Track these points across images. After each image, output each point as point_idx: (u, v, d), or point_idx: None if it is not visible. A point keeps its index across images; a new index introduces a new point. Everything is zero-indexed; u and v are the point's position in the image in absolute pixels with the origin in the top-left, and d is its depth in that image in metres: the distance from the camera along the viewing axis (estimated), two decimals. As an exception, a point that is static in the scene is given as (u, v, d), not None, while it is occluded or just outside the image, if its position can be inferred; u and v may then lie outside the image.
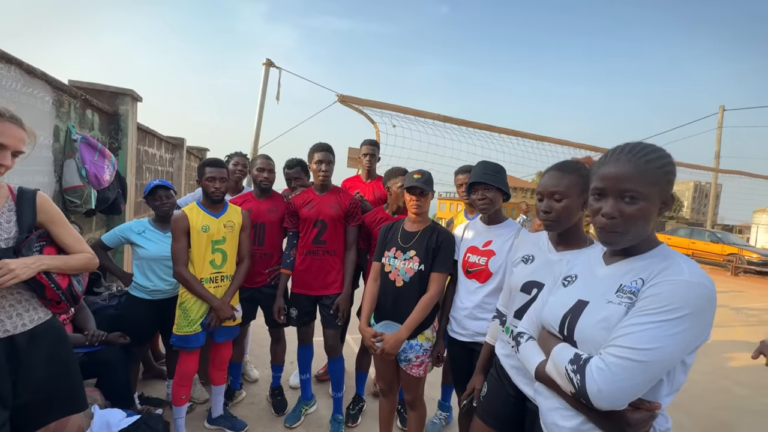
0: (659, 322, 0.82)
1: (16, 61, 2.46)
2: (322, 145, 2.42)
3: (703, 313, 0.83)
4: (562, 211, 1.28)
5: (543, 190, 1.32)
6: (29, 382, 1.30)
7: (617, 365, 0.82)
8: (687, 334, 0.82)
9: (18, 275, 1.18)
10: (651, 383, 0.84)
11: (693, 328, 0.82)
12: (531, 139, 6.26)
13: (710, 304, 0.84)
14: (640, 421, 0.85)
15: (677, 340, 0.82)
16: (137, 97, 4.16)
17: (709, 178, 15.23)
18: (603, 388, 0.82)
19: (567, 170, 1.31)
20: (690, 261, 0.90)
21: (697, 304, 0.82)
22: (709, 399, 3.37)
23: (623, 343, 0.83)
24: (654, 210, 0.91)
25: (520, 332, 1.16)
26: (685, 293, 0.83)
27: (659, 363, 0.82)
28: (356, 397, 2.72)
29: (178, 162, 6.71)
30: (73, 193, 3.11)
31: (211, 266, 2.20)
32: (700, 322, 0.83)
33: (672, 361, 0.84)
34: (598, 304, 0.95)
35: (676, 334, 0.81)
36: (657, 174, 0.90)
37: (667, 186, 0.91)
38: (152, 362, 2.99)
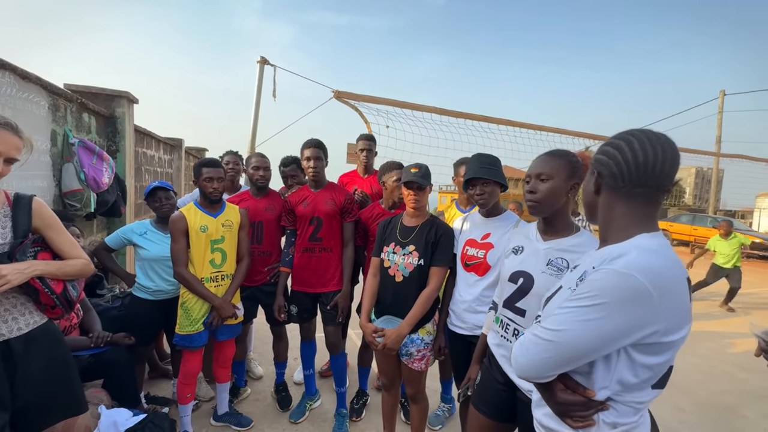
0: (574, 308, 0.83)
1: (10, 66, 2.47)
2: (311, 141, 2.40)
3: (626, 304, 0.78)
4: (548, 192, 1.30)
5: (531, 171, 1.36)
6: (26, 385, 1.31)
7: (530, 341, 0.90)
8: (602, 323, 0.80)
9: (10, 281, 1.19)
10: (562, 363, 0.86)
11: (611, 318, 0.79)
12: (528, 128, 6.24)
13: (636, 297, 0.78)
14: (568, 402, 0.88)
15: (589, 327, 0.81)
16: (133, 99, 4.15)
17: (711, 163, 15.14)
18: (517, 359, 0.92)
19: (555, 155, 1.35)
20: (648, 252, 0.83)
21: (619, 295, 0.79)
22: (710, 383, 3.39)
23: (543, 323, 0.89)
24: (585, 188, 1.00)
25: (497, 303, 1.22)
26: (609, 283, 0.80)
27: (566, 345, 0.83)
28: (360, 391, 2.75)
29: (177, 163, 6.71)
30: (72, 197, 3.12)
31: (211, 266, 2.21)
32: (623, 313, 0.78)
33: (584, 346, 0.82)
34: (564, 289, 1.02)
35: (588, 321, 0.81)
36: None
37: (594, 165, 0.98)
38: (157, 362, 3.03)
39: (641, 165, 0.88)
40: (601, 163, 0.93)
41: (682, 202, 34.06)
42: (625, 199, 0.92)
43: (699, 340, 4.42)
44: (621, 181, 0.91)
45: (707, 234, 13.10)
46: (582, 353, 0.84)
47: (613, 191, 0.93)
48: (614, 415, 0.86)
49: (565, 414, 0.90)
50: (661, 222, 15.17)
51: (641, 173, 0.88)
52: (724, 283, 5.90)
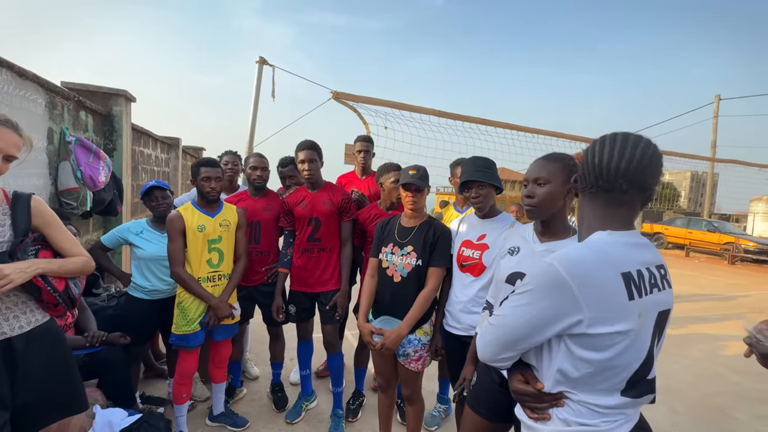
0: (512, 295, 0.94)
1: (8, 63, 2.46)
2: (305, 143, 2.41)
3: (546, 291, 0.86)
4: (545, 196, 1.32)
5: (528, 176, 1.38)
6: (28, 383, 1.31)
7: (484, 327, 1.00)
8: (528, 308, 0.89)
9: (13, 280, 1.19)
10: (505, 346, 0.94)
11: (535, 304, 0.88)
12: (526, 131, 6.27)
13: (554, 285, 0.85)
14: (521, 392, 0.97)
15: (518, 312, 0.91)
16: (131, 98, 4.15)
17: (706, 167, 15.27)
18: (477, 341, 1.02)
19: (552, 159, 1.37)
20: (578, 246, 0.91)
21: (542, 283, 0.87)
22: (703, 385, 3.42)
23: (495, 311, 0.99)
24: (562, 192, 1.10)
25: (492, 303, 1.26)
26: (536, 272, 0.90)
27: (503, 329, 0.93)
28: (356, 392, 2.75)
29: (174, 162, 6.69)
30: (68, 196, 3.11)
31: (208, 265, 2.21)
32: (544, 300, 0.87)
33: (516, 330, 0.91)
34: None
35: (517, 307, 0.91)
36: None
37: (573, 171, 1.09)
38: (153, 362, 3.02)
39: (596, 166, 0.93)
40: (577, 168, 1.02)
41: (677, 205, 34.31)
42: (589, 200, 0.98)
43: (691, 342, 4.46)
44: (582, 182, 0.99)
45: (702, 237, 13.23)
46: (516, 336, 0.91)
47: (581, 192, 1.00)
48: (568, 412, 0.91)
49: (522, 404, 0.99)
50: (656, 225, 15.27)
51: (597, 174, 0.93)
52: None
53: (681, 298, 5.09)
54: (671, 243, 14.40)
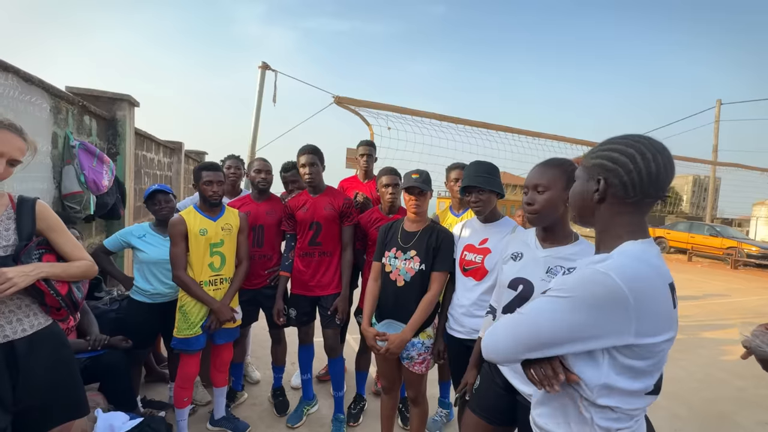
0: (545, 297, 0.86)
1: (13, 68, 2.48)
2: (306, 148, 2.42)
3: (595, 303, 0.78)
4: (545, 203, 1.32)
5: (528, 183, 1.38)
6: (30, 387, 1.32)
7: (499, 323, 0.93)
8: (569, 315, 0.80)
9: (16, 283, 1.19)
10: (522, 349, 0.86)
11: (578, 313, 0.79)
12: (528, 135, 6.29)
13: (609, 297, 0.77)
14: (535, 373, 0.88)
15: (550, 317, 0.82)
16: (134, 102, 4.17)
17: (708, 172, 15.25)
18: (484, 339, 0.95)
19: (551, 165, 1.36)
20: (629, 257, 0.83)
21: (590, 292, 0.79)
22: (706, 390, 3.40)
23: (517, 309, 0.92)
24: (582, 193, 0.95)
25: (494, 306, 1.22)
26: (584, 278, 0.81)
27: (527, 329, 0.85)
28: (357, 396, 2.75)
29: (177, 166, 6.72)
30: (72, 199, 3.12)
31: (209, 269, 2.22)
32: (590, 311, 0.78)
33: (544, 334, 0.82)
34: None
35: (552, 311, 0.82)
36: (587, 160, 0.96)
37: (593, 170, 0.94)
38: (154, 365, 3.02)
39: (653, 175, 0.85)
40: (609, 170, 0.88)
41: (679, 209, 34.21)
42: (631, 209, 0.89)
43: (694, 347, 4.44)
44: (632, 191, 0.87)
45: (704, 242, 13.18)
46: (544, 341, 0.83)
47: (618, 200, 0.89)
48: (610, 419, 0.86)
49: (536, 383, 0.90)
50: (659, 230, 15.23)
51: (652, 184, 0.86)
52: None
53: (683, 302, 5.08)
54: (673, 247, 14.35)
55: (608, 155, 0.90)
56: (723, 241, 12.69)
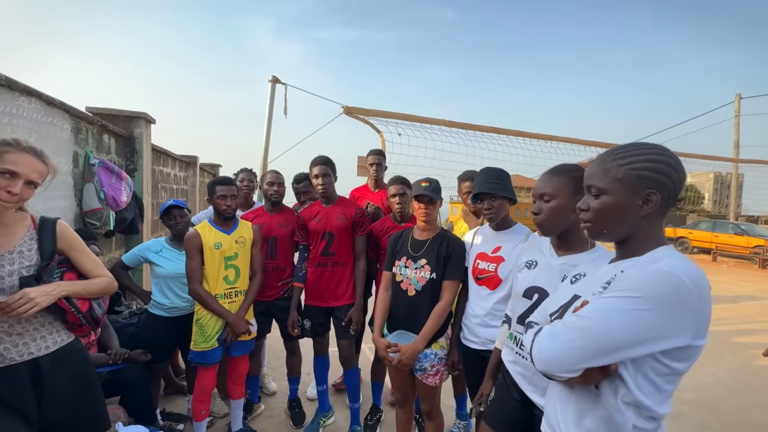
0: (610, 298, 0.82)
1: (36, 92, 2.59)
2: (318, 158, 2.45)
3: (667, 302, 0.77)
4: (551, 213, 1.30)
5: (534, 192, 1.35)
6: (54, 402, 1.35)
7: (559, 329, 0.86)
8: (641, 315, 0.78)
9: (38, 303, 1.23)
10: (593, 354, 0.81)
11: (651, 312, 0.77)
12: (539, 138, 6.22)
13: (680, 296, 0.77)
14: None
15: (625, 317, 0.79)
16: (151, 120, 4.30)
17: (730, 168, 14.78)
18: (542, 350, 0.86)
19: (557, 172, 1.34)
20: (681, 258, 0.85)
21: (661, 291, 0.78)
22: (737, 398, 3.25)
23: (576, 312, 0.86)
24: (625, 206, 0.90)
25: (531, 321, 1.16)
26: (649, 278, 0.80)
27: (599, 333, 0.80)
28: (373, 407, 2.72)
29: (192, 179, 6.87)
30: (92, 216, 3.22)
31: (224, 282, 2.25)
32: (663, 310, 0.77)
33: (618, 337, 0.79)
34: (586, 297, 0.96)
35: (625, 311, 0.79)
36: (619, 171, 0.90)
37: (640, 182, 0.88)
38: (173, 378, 3.05)
39: (684, 181, 0.90)
40: (659, 183, 0.88)
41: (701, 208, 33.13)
42: (662, 218, 0.92)
43: (722, 352, 4.25)
44: (672, 201, 0.90)
45: (729, 241, 12.73)
46: (616, 344, 0.79)
47: (657, 211, 0.89)
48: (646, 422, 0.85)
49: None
50: (680, 229, 14.80)
51: (679, 190, 0.90)
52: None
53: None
54: (696, 247, 13.90)
55: (654, 167, 0.88)
56: (749, 240, 12.23)
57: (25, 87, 2.47)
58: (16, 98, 2.42)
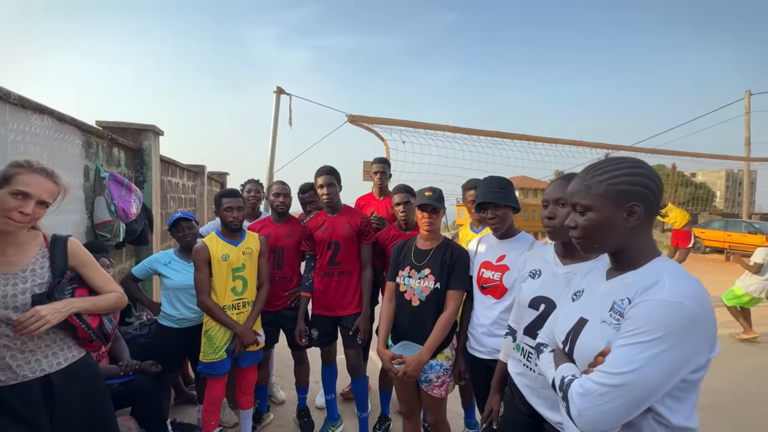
0: (634, 344, 0.81)
1: (48, 110, 2.66)
2: (323, 169, 2.48)
3: (685, 332, 0.80)
4: (566, 218, 1.28)
5: (548, 197, 1.35)
6: (65, 418, 1.38)
7: (594, 390, 0.83)
8: (668, 355, 0.79)
9: (49, 320, 1.26)
10: (637, 407, 0.82)
11: (675, 349, 0.79)
12: (544, 142, 6.18)
13: (693, 323, 0.80)
14: None
15: (656, 362, 0.79)
16: (159, 132, 4.38)
17: (742, 165, 14.52)
18: (583, 413, 0.84)
19: (572, 180, 1.32)
20: (679, 277, 0.87)
21: (676, 324, 0.80)
22: (758, 404, 3.17)
23: (602, 367, 0.84)
24: (610, 220, 0.93)
25: (541, 342, 1.17)
26: (661, 313, 0.81)
27: (639, 386, 0.80)
28: (382, 416, 2.72)
29: (200, 188, 6.96)
30: (103, 228, 3.28)
31: (232, 293, 2.27)
32: (684, 342, 0.80)
33: (655, 383, 0.80)
34: (594, 323, 0.96)
35: (654, 356, 0.79)
36: (600, 187, 0.94)
37: (622, 196, 0.92)
38: (183, 388, 3.08)
39: (662, 190, 0.94)
40: (640, 195, 0.91)
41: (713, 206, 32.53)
42: (649, 226, 0.95)
43: (739, 356, 4.16)
44: (655, 208, 0.94)
45: (743, 240, 12.47)
46: (654, 390, 0.81)
47: (642, 221, 0.93)
48: None
49: None
50: (693, 228, 14.53)
51: (661, 198, 0.94)
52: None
53: (724, 307, 4.78)
54: (708, 247, 13.65)
55: (633, 180, 0.92)
56: (764, 239, 11.97)
57: (37, 105, 2.53)
58: (29, 116, 2.48)
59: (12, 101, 2.27)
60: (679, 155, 9.54)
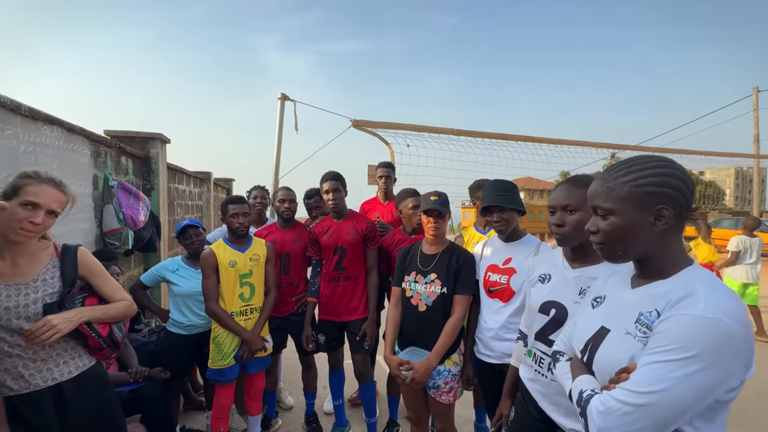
0: (664, 362, 0.75)
1: (58, 121, 2.70)
2: (329, 174, 2.49)
3: (720, 352, 0.73)
4: (576, 224, 1.25)
5: (555, 203, 1.30)
6: (77, 426, 1.39)
7: (616, 409, 0.78)
8: (700, 376, 0.73)
9: (60, 330, 1.28)
10: (662, 429, 0.76)
11: (709, 369, 0.73)
12: (548, 143, 6.16)
13: (730, 342, 0.74)
14: None
15: (688, 383, 0.73)
16: (165, 140, 4.43)
17: (751, 163, 14.32)
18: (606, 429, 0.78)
19: (579, 184, 1.29)
20: (716, 289, 0.80)
21: (712, 342, 0.73)
22: (756, 401, 3.09)
23: (627, 384, 0.79)
24: (636, 225, 0.87)
25: (557, 350, 1.14)
26: (695, 330, 0.75)
27: (666, 407, 0.74)
28: (390, 421, 2.71)
29: (207, 195, 7.02)
30: (112, 236, 3.32)
31: (240, 300, 2.29)
32: (719, 362, 0.73)
33: (684, 405, 0.75)
34: (617, 334, 0.90)
35: (686, 376, 0.73)
36: (623, 189, 0.88)
37: (648, 199, 0.85)
38: (192, 394, 3.10)
39: (694, 191, 0.87)
40: (669, 197, 0.85)
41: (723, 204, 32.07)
42: (679, 231, 0.88)
43: (762, 360, 4.04)
44: (686, 211, 0.87)
45: (754, 238, 12.24)
46: (683, 412, 0.75)
47: (671, 225, 0.86)
48: None
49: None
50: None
51: (693, 200, 0.87)
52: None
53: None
54: (719, 246, 13.44)
55: (661, 180, 0.86)
56: (775, 237, 11.76)
57: (47, 116, 2.57)
58: (39, 127, 2.52)
59: (23, 113, 2.31)
60: (686, 153, 9.44)
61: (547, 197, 1.50)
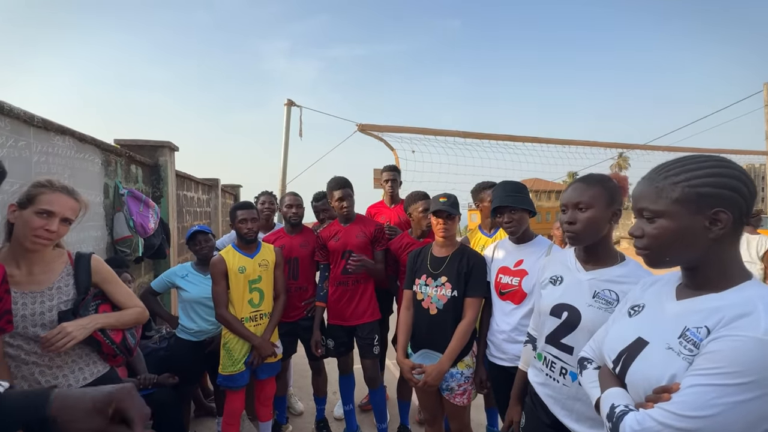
0: (715, 386, 0.68)
1: (69, 131, 2.75)
2: (339, 182, 2.49)
3: None
4: (587, 222, 1.23)
5: (567, 201, 1.28)
6: None
7: (654, 430, 0.71)
8: (755, 404, 0.66)
9: (75, 336, 1.29)
10: None
11: (766, 398, 0.66)
12: (555, 144, 6.11)
13: None
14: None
15: (740, 411, 0.66)
16: (174, 148, 4.48)
17: (764, 160, 14.07)
18: None
19: (591, 182, 1.27)
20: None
21: None
22: None
23: (668, 406, 0.72)
24: (688, 229, 0.79)
25: (585, 357, 1.08)
26: (754, 354, 0.67)
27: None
28: (401, 426, 2.68)
29: (215, 201, 7.08)
30: (123, 244, 3.36)
31: (249, 305, 2.29)
32: None
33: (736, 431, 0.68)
34: (657, 347, 0.82)
35: (739, 404, 0.66)
36: (675, 190, 0.80)
37: (704, 201, 0.78)
38: (202, 400, 3.10)
39: (755, 194, 0.80)
40: (728, 200, 0.77)
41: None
42: (736, 238, 0.80)
43: None
44: (746, 215, 0.79)
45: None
46: None
47: (728, 232, 0.78)
48: None
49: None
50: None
51: (754, 204, 0.80)
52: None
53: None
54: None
55: (718, 181, 0.78)
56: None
57: (59, 126, 2.62)
58: (52, 137, 2.57)
59: (36, 124, 2.36)
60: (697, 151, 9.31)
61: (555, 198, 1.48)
